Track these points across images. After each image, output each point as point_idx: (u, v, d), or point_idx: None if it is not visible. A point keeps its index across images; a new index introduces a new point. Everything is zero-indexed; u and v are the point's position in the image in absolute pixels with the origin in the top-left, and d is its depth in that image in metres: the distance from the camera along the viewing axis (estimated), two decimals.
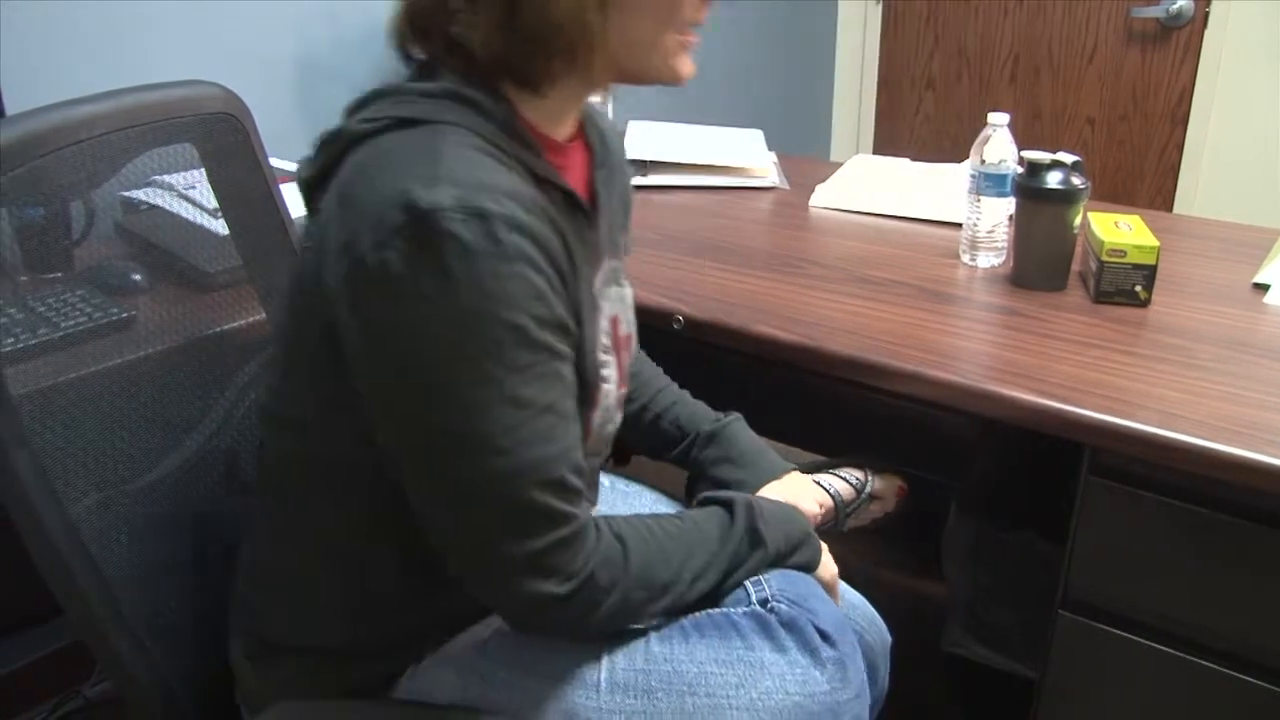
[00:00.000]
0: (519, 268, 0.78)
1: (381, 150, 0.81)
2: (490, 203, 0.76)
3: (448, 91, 0.84)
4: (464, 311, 0.76)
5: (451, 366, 0.78)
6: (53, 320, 1.23)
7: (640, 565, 0.91)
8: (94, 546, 0.94)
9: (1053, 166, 1.37)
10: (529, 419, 0.80)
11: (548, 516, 0.83)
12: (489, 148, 0.82)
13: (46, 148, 0.98)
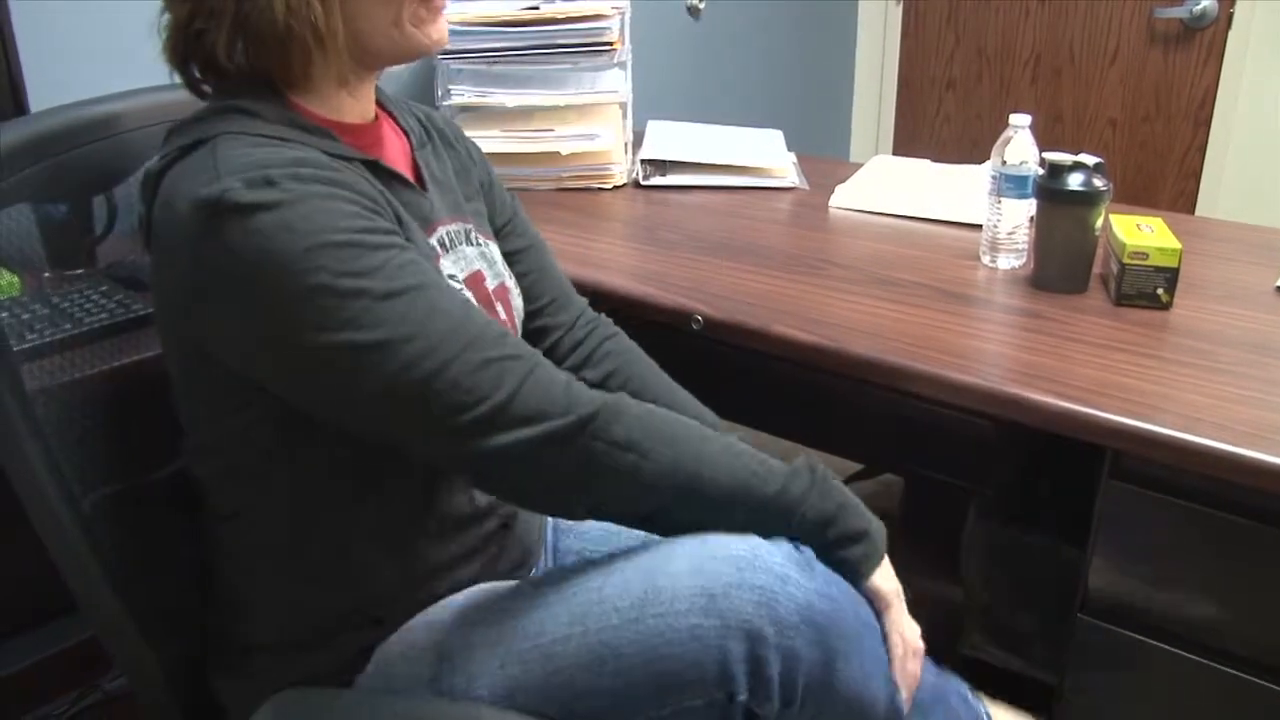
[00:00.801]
0: (321, 203, 0.82)
1: (172, 179, 0.86)
2: (273, 169, 0.82)
3: (218, 109, 0.89)
4: (296, 255, 0.80)
5: (316, 304, 0.81)
6: (75, 315, 1.23)
7: (663, 434, 0.89)
8: (108, 541, 0.95)
9: (1074, 168, 1.36)
10: (412, 301, 0.84)
11: (488, 367, 0.84)
12: (269, 140, 0.86)
13: (69, 145, 0.99)
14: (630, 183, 1.89)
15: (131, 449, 1.03)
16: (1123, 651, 1.17)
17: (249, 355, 0.86)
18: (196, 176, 0.83)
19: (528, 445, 0.84)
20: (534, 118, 1.83)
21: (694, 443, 0.91)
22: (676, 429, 0.91)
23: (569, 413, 0.86)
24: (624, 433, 0.87)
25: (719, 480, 0.90)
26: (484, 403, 0.83)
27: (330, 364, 0.83)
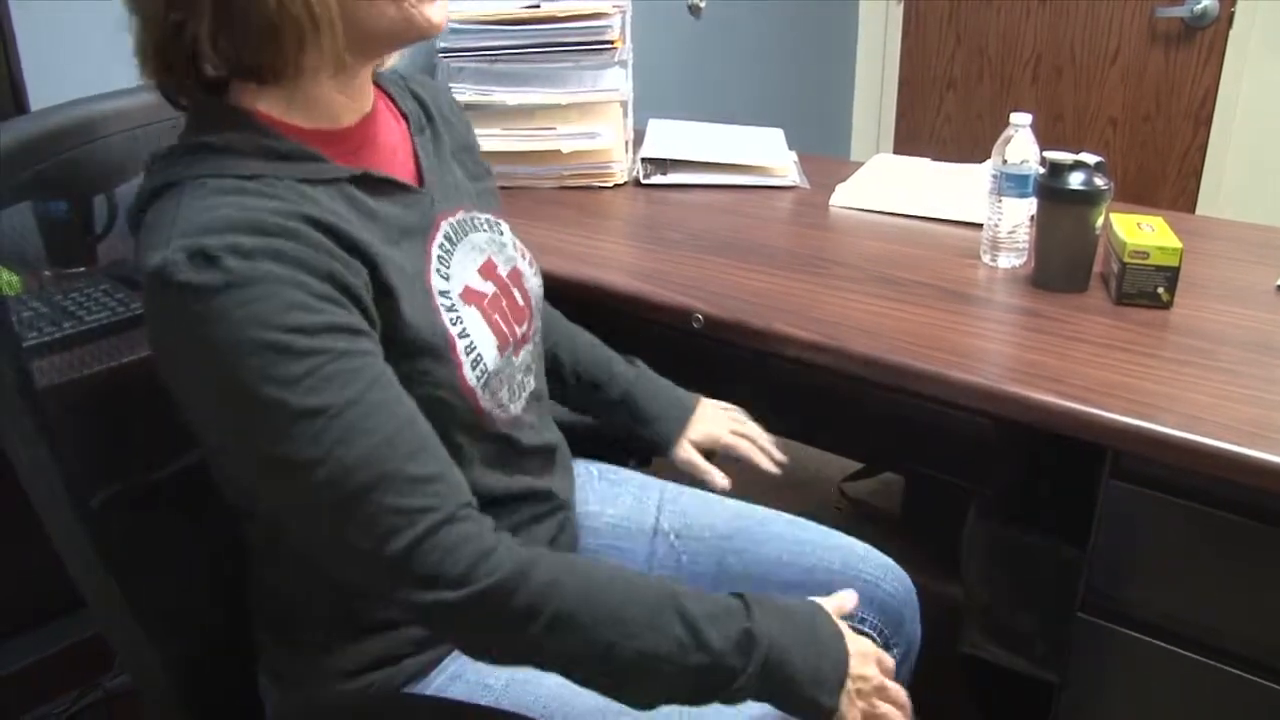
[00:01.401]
0: (259, 289, 0.78)
1: (147, 230, 0.83)
2: (212, 239, 0.77)
3: (188, 147, 0.85)
4: (222, 347, 0.77)
5: (236, 402, 0.78)
6: (76, 314, 1.24)
7: (575, 601, 0.83)
8: (114, 538, 0.95)
9: (1075, 167, 1.36)
10: (328, 423, 0.79)
11: (393, 513, 0.79)
12: (231, 183, 0.82)
13: (70, 144, 0.99)
14: (631, 181, 1.89)
15: (137, 447, 1.03)
16: (1123, 650, 1.17)
17: (200, 428, 0.86)
18: (155, 233, 0.80)
19: (420, 607, 0.81)
20: (535, 116, 1.83)
21: (612, 608, 0.84)
22: (593, 593, 0.84)
23: (465, 584, 0.80)
24: (526, 602, 0.81)
25: (638, 648, 0.84)
26: (380, 551, 0.79)
27: (245, 462, 0.82)
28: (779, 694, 0.89)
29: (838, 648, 0.92)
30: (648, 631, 0.83)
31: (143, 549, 0.98)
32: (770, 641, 0.87)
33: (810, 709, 0.89)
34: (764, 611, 0.88)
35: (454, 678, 0.99)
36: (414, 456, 0.82)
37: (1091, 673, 1.21)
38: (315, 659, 0.98)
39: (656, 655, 0.83)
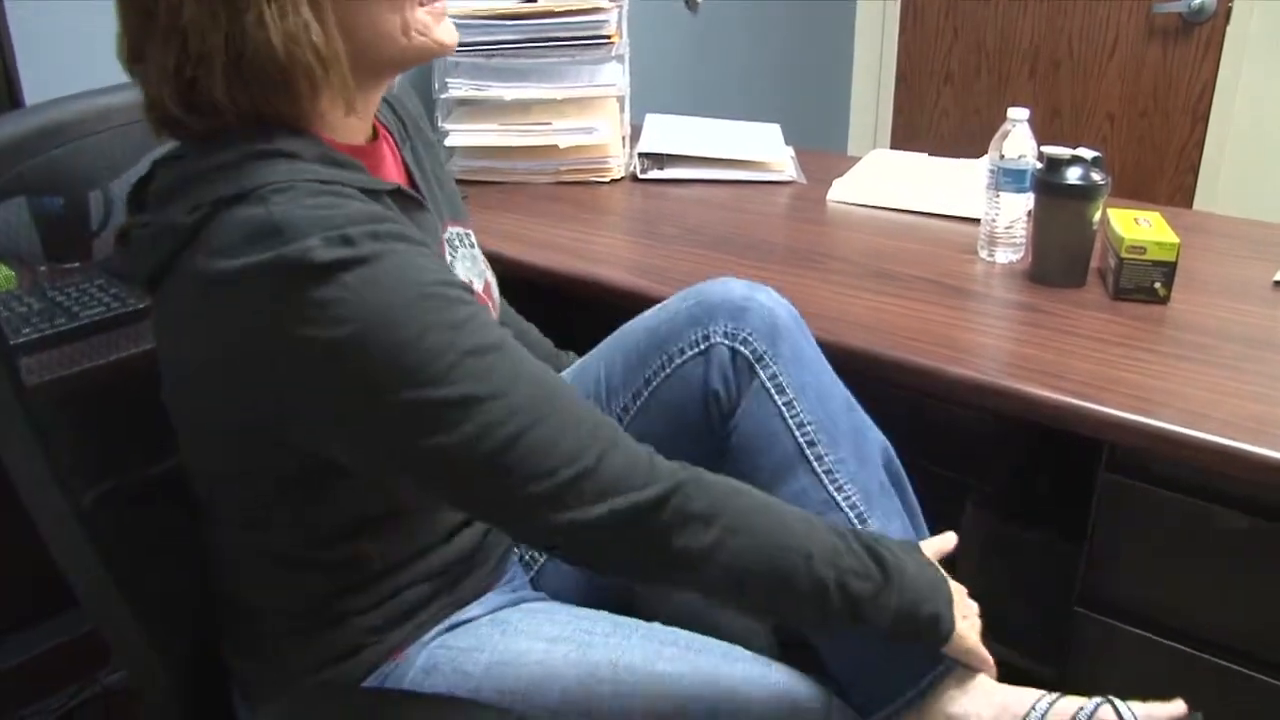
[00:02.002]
0: (403, 258, 0.80)
1: (227, 234, 0.79)
2: (348, 228, 0.78)
3: (249, 154, 0.82)
4: (382, 310, 0.77)
5: (402, 362, 0.77)
6: (71, 310, 1.23)
7: (746, 510, 0.86)
8: (108, 535, 0.95)
9: (1073, 162, 1.36)
10: (497, 360, 0.81)
11: (576, 432, 0.81)
12: (316, 186, 0.81)
13: (64, 138, 0.99)
14: (628, 176, 1.89)
15: (131, 444, 1.02)
16: (1119, 644, 1.17)
17: (314, 425, 0.82)
18: (266, 237, 0.77)
19: (610, 517, 0.81)
20: (531, 111, 1.83)
21: (778, 515, 0.89)
22: (758, 501, 0.88)
23: (650, 485, 0.82)
24: (705, 507, 0.84)
25: (805, 549, 0.87)
26: (564, 470, 0.80)
27: (408, 423, 0.79)
28: (909, 613, 0.91)
29: (940, 577, 0.97)
30: (810, 536, 0.87)
31: (136, 547, 0.98)
32: (898, 560, 0.91)
33: (932, 626, 0.93)
34: (885, 540, 0.93)
35: (428, 670, 0.98)
36: (567, 389, 0.85)
37: (1088, 667, 1.21)
38: (276, 663, 0.98)
39: (816, 558, 0.86)
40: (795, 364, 1.07)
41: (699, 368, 1.08)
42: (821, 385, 1.08)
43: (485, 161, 1.84)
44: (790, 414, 1.06)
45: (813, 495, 1.04)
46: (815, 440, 1.05)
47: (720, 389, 1.08)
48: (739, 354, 1.07)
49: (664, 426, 1.10)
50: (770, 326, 1.07)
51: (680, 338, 1.10)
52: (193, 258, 0.80)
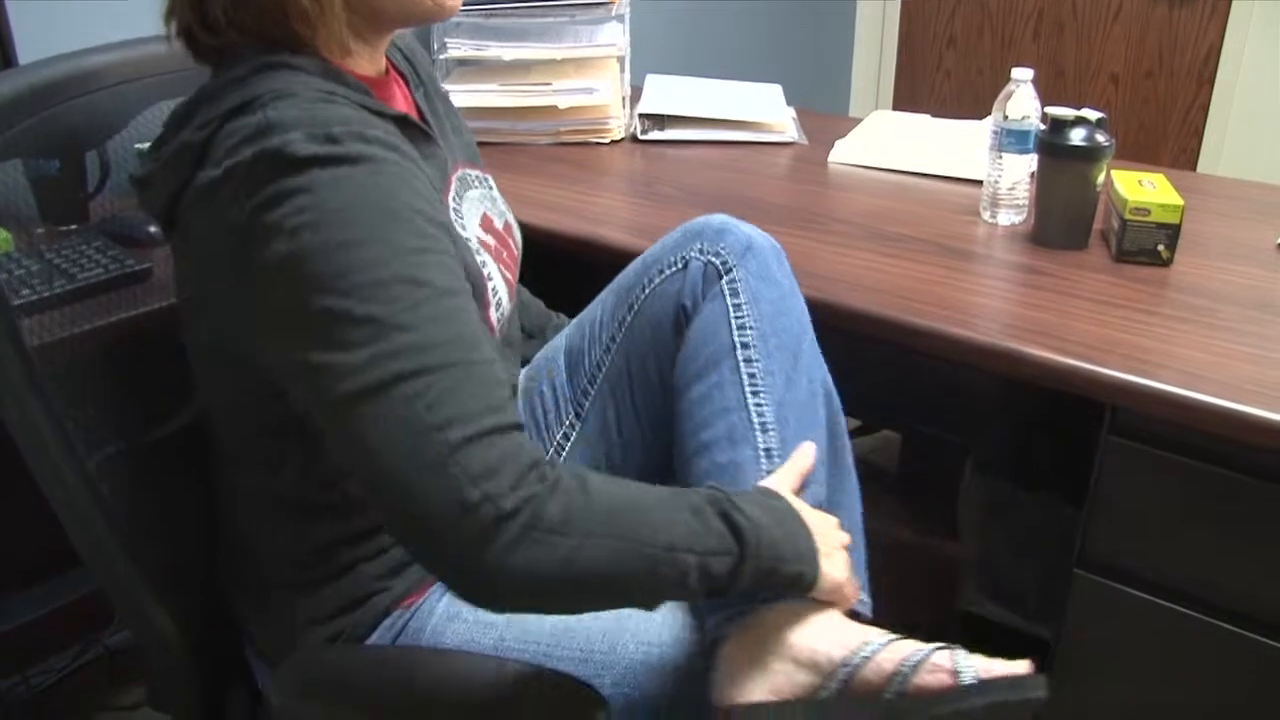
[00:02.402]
0: (386, 167, 0.80)
1: (226, 143, 0.81)
2: (336, 127, 0.79)
3: (254, 68, 0.85)
4: (339, 209, 0.77)
5: (333, 261, 0.76)
6: (69, 272, 1.23)
7: (608, 508, 0.80)
8: (112, 498, 0.94)
9: (1077, 123, 1.35)
10: (428, 298, 0.78)
11: (468, 398, 0.75)
12: (317, 94, 0.83)
13: (59, 98, 0.98)
14: (628, 137, 1.88)
15: (133, 405, 1.02)
16: (1119, 606, 1.18)
17: (263, 335, 0.82)
18: (251, 139, 0.79)
19: (457, 505, 0.73)
20: (531, 71, 1.82)
21: (634, 515, 0.82)
22: (616, 501, 0.82)
23: (512, 493, 0.74)
24: (559, 521, 0.76)
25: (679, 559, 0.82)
26: (440, 434, 0.73)
27: (311, 330, 0.76)
28: (769, 574, 0.88)
29: (801, 524, 0.92)
30: (669, 527, 0.82)
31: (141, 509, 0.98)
32: (757, 524, 0.86)
33: (795, 582, 0.90)
34: (743, 499, 0.88)
35: (451, 618, 0.97)
36: (493, 363, 0.80)
37: (1087, 628, 1.22)
38: (287, 613, 0.98)
39: (677, 548, 0.81)
40: (759, 279, 1.06)
41: (675, 284, 1.10)
42: (779, 305, 1.06)
43: (485, 122, 1.83)
44: (735, 315, 1.05)
45: (729, 393, 1.02)
46: (750, 344, 1.03)
47: (689, 302, 1.08)
48: (710, 265, 1.07)
49: (643, 345, 1.11)
50: (745, 246, 1.08)
51: (661, 261, 1.12)
52: (199, 175, 0.82)
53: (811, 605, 0.92)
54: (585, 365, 1.16)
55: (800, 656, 0.89)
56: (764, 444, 1.01)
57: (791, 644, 0.90)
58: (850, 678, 0.87)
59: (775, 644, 0.90)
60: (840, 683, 0.87)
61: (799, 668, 0.89)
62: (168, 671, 1.01)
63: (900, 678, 0.85)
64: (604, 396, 1.14)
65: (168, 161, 0.85)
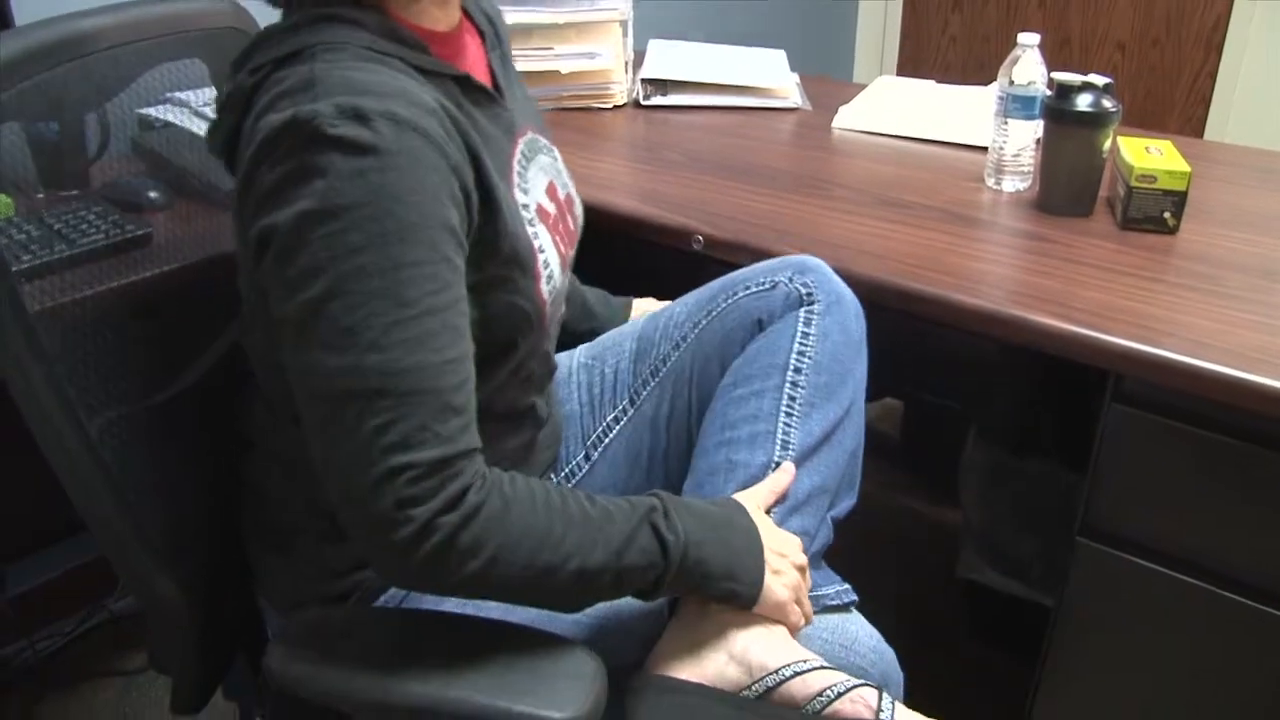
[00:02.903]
0: (404, 160, 0.79)
1: (271, 92, 0.82)
2: (369, 102, 0.78)
3: (311, 18, 0.85)
4: (346, 205, 0.77)
5: (331, 258, 0.77)
6: (69, 237, 1.22)
7: (521, 534, 0.82)
8: (114, 462, 0.94)
9: (1083, 89, 1.33)
10: (405, 320, 0.78)
11: (415, 428, 0.77)
12: (366, 53, 0.83)
13: (56, 60, 0.97)
14: (631, 102, 1.87)
15: (135, 370, 1.02)
16: (1120, 575, 1.18)
17: (264, 281, 0.82)
18: (295, 92, 0.80)
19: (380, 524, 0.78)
20: (533, 36, 1.80)
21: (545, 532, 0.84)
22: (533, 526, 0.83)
23: (438, 515, 0.78)
24: (472, 540, 0.79)
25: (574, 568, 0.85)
26: (380, 456, 0.77)
27: (299, 317, 0.78)
28: (697, 588, 0.91)
29: (753, 541, 0.94)
30: (582, 544, 0.84)
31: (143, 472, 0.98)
32: (686, 540, 0.88)
33: (729, 598, 0.92)
34: (679, 512, 0.90)
35: None
36: (459, 389, 0.81)
37: (1089, 597, 1.22)
38: (307, 561, 0.99)
39: (587, 571, 0.84)
40: (835, 325, 1.10)
41: (757, 301, 1.12)
42: (843, 354, 1.09)
43: None
44: (801, 341, 1.08)
45: (766, 404, 1.05)
46: (802, 370, 1.06)
47: (764, 317, 1.11)
48: (796, 292, 1.10)
49: (711, 351, 1.13)
50: (835, 294, 1.11)
51: (750, 279, 1.15)
52: (245, 122, 0.83)
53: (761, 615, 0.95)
54: (651, 356, 1.18)
55: (734, 652, 0.93)
56: (778, 458, 1.04)
57: (731, 639, 0.93)
58: (776, 686, 0.90)
59: (717, 634, 0.93)
60: (765, 689, 0.91)
61: (731, 662, 0.92)
62: (169, 635, 1.01)
63: (823, 699, 0.89)
64: (662, 390, 1.16)
65: (224, 105, 0.86)
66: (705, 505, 0.95)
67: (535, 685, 0.82)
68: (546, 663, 0.84)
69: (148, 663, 1.77)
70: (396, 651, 0.86)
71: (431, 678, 0.83)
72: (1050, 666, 1.27)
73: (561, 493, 0.87)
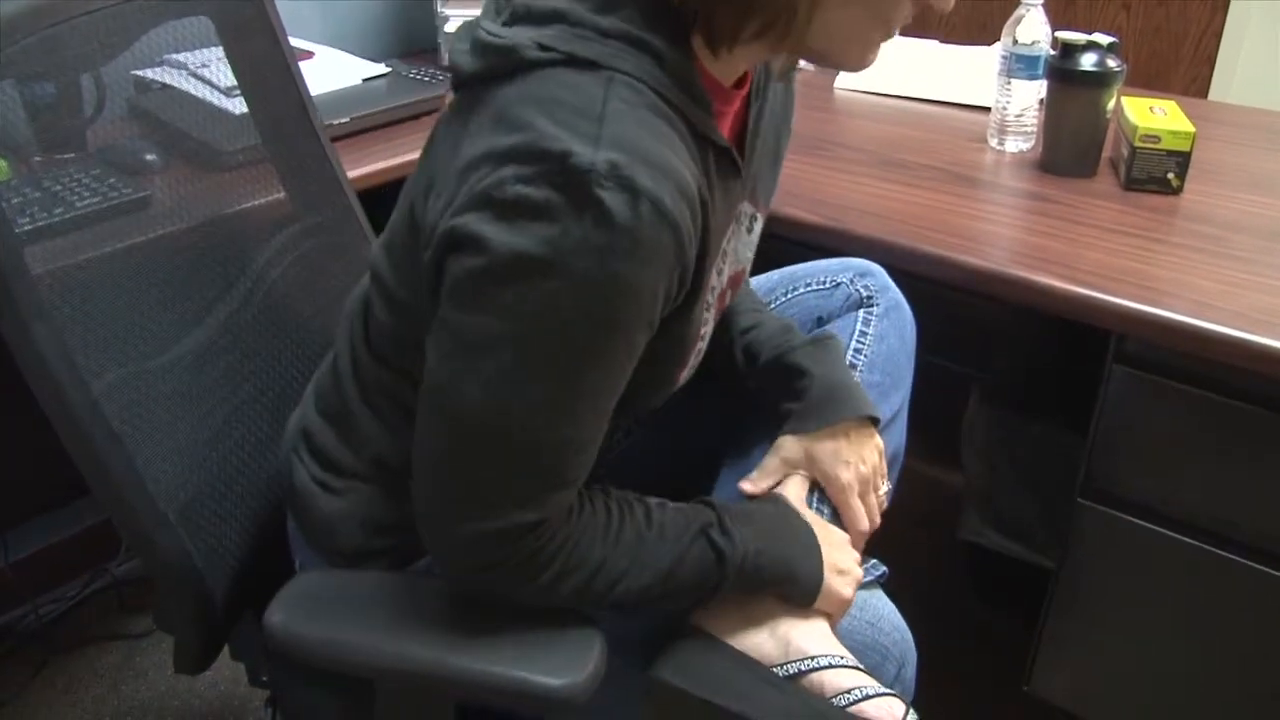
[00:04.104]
0: (640, 255, 0.73)
1: (551, 88, 0.75)
2: (645, 179, 0.72)
3: (627, 35, 0.77)
4: (563, 268, 0.72)
5: (535, 315, 0.74)
6: (68, 200, 1.21)
7: (575, 564, 0.85)
8: (117, 423, 0.94)
9: (1087, 48, 1.33)
10: (560, 400, 0.77)
11: (529, 498, 0.79)
12: (658, 104, 0.77)
13: (57, 17, 0.96)
14: None
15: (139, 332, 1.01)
16: (1121, 536, 1.18)
17: (447, 265, 0.78)
18: (581, 115, 0.73)
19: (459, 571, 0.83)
20: None
21: (611, 547, 0.86)
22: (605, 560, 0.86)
23: (494, 567, 0.81)
24: (525, 575, 0.83)
25: (630, 587, 0.87)
26: (472, 513, 0.79)
27: (465, 345, 0.76)
28: (755, 592, 0.93)
29: (811, 545, 0.96)
30: (627, 578, 0.86)
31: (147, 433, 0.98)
32: (744, 550, 0.90)
33: (787, 601, 0.94)
34: (736, 521, 0.91)
35: None
36: (583, 466, 0.82)
37: (1090, 558, 1.22)
38: (359, 506, 0.97)
39: (633, 591, 0.87)
40: (892, 329, 1.12)
41: (819, 298, 1.15)
42: (897, 358, 1.12)
43: None
44: (859, 339, 1.11)
45: None
46: (857, 366, 1.09)
47: (824, 315, 1.14)
48: (858, 294, 1.13)
49: None
50: (893, 301, 1.13)
51: (810, 276, 1.16)
52: (505, 91, 0.77)
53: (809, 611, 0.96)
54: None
55: (778, 631, 0.94)
56: None
57: (779, 618, 0.94)
58: (807, 671, 0.91)
59: (766, 611, 0.94)
60: (797, 671, 0.91)
61: (772, 638, 0.93)
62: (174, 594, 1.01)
63: (851, 696, 0.89)
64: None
65: (492, 49, 0.79)
66: (762, 511, 0.96)
67: (534, 652, 0.82)
68: (547, 630, 0.84)
69: (152, 625, 1.78)
70: (397, 615, 0.87)
71: (432, 642, 0.83)
72: (1050, 627, 1.28)
73: (621, 513, 0.87)
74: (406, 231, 0.86)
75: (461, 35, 0.84)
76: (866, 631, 1.02)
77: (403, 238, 0.88)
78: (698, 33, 0.80)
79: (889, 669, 1.00)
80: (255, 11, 1.15)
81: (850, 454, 1.02)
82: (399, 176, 1.47)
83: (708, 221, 0.81)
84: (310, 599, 0.91)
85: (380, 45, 1.96)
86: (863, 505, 1.03)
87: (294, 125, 1.20)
